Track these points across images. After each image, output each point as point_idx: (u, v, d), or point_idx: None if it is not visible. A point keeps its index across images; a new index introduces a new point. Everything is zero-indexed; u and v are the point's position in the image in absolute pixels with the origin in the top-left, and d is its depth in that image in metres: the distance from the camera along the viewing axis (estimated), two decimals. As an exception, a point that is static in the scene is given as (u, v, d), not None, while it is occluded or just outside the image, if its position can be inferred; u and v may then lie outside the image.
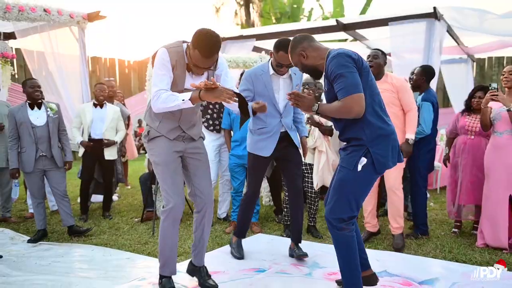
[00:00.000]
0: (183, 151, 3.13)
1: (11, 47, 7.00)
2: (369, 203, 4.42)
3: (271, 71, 3.61)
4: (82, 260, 4.16)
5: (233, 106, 3.04)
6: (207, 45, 2.74)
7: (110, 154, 5.61)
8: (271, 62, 3.65)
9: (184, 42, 2.97)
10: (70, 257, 4.23)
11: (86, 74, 6.52)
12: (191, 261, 3.44)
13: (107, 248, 4.45)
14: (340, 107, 2.66)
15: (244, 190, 5.36)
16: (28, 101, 4.71)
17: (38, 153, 4.65)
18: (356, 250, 2.81)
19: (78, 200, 6.11)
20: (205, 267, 3.37)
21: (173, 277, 3.23)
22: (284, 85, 3.63)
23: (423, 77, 4.78)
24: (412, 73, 4.94)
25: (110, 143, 5.52)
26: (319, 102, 2.83)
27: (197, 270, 3.36)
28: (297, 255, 3.86)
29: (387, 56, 4.66)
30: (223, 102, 2.82)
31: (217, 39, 2.79)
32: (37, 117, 4.68)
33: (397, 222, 4.24)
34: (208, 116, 5.29)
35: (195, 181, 3.21)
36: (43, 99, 4.86)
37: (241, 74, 5.11)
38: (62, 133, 4.90)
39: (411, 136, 4.20)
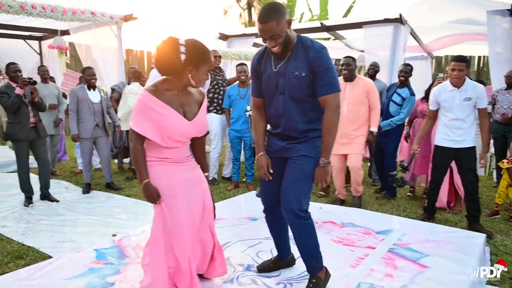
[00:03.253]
0: None
1: (66, 41, 7.04)
2: (339, 179, 4.35)
3: None
4: (118, 206, 4.28)
5: None
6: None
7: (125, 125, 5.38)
8: None
9: None
10: (109, 204, 4.35)
11: (122, 63, 6.56)
12: None
13: (136, 199, 4.50)
14: (332, 114, 2.08)
15: (242, 158, 5.37)
16: (85, 84, 4.75)
17: (94, 123, 4.71)
18: None
19: (116, 161, 6.19)
20: None
21: None
22: None
23: (411, 74, 4.60)
24: (401, 71, 4.58)
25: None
26: (323, 158, 2.12)
27: None
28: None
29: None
30: None
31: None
32: (94, 96, 4.74)
33: (356, 189, 4.26)
34: (215, 103, 5.17)
35: None
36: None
37: (237, 65, 5.00)
38: (110, 108, 4.98)
39: (375, 129, 4.13)
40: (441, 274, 2.51)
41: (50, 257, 2.88)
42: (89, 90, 4.74)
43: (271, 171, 2.27)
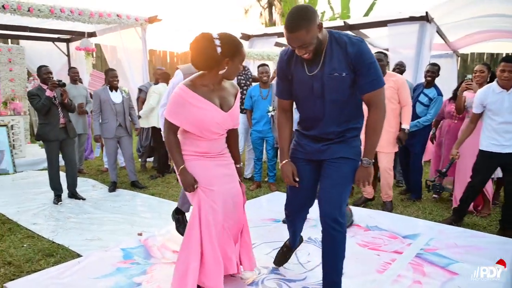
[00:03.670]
0: None
1: (92, 43, 7.18)
2: None
3: None
4: (142, 204, 4.29)
5: None
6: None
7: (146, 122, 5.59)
8: None
9: None
10: (134, 202, 4.37)
11: (146, 64, 6.62)
12: None
13: (160, 198, 4.52)
14: (380, 111, 1.95)
15: (264, 157, 5.33)
16: (108, 85, 4.82)
17: (117, 123, 4.77)
18: None
19: (140, 160, 6.27)
20: None
21: None
22: None
23: (438, 74, 4.42)
24: (428, 71, 4.41)
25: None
26: (367, 158, 2.00)
27: None
28: None
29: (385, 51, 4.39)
30: None
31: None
32: (116, 97, 4.80)
33: (387, 193, 4.08)
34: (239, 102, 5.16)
35: None
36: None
37: (258, 66, 4.96)
38: (131, 109, 5.02)
39: (407, 126, 3.93)
40: (471, 281, 2.42)
41: (79, 255, 2.92)
42: (111, 91, 4.80)
43: (297, 179, 2.13)
